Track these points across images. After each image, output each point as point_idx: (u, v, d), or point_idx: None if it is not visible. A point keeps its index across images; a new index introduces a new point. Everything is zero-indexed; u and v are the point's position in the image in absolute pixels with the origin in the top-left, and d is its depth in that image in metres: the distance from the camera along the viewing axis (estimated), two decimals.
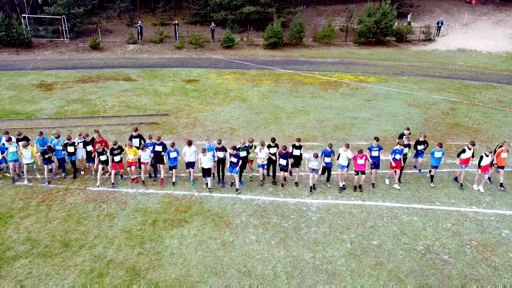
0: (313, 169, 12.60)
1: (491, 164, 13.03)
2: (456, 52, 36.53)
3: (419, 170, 14.34)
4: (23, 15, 33.23)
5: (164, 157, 13.04)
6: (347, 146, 12.87)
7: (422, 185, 13.67)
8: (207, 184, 12.99)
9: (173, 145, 12.95)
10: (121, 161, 13.09)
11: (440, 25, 40.10)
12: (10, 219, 11.41)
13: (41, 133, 13.82)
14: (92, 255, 10.05)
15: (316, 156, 12.36)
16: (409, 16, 42.57)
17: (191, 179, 13.35)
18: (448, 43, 38.78)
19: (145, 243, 10.54)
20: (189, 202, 12.41)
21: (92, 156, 13.24)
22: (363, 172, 12.76)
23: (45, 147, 12.96)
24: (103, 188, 13.10)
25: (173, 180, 13.23)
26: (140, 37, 35.07)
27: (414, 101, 22.59)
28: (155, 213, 11.81)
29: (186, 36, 36.05)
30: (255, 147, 13.48)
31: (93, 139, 13.38)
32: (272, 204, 12.41)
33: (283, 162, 12.84)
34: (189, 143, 12.91)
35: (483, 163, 12.82)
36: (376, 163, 13.12)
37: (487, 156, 12.75)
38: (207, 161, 12.51)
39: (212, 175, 13.04)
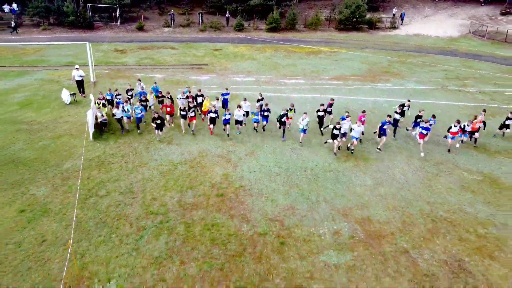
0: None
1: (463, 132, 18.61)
2: (412, 36, 49.51)
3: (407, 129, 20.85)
4: (87, 4, 46.05)
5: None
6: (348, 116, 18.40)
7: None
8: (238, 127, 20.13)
9: (228, 109, 19.27)
10: (194, 116, 19.58)
11: (403, 16, 53.15)
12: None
13: (155, 82, 25.36)
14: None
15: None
16: (394, 9, 55.37)
17: (238, 130, 20.01)
18: (408, 30, 51.78)
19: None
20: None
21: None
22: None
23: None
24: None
25: (228, 133, 19.49)
26: (172, 22, 47.95)
27: (366, 61, 35.58)
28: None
29: (207, 22, 48.94)
30: (294, 110, 19.80)
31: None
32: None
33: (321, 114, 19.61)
34: (239, 107, 19.18)
35: (452, 130, 18.33)
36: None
37: (455, 126, 18.21)
38: (240, 115, 19.36)
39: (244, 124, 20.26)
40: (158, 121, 18.43)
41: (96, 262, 11.07)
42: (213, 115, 19.28)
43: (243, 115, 19.72)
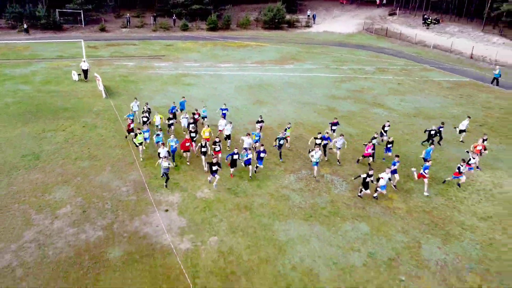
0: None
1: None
2: (321, 33, 65.80)
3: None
4: (56, 9, 57.13)
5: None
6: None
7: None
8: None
9: (250, 149, 20.00)
10: (219, 150, 20.74)
11: (315, 17, 69.51)
12: None
13: (183, 97, 34.69)
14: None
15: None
16: (308, 11, 71.36)
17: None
18: (319, 28, 68.11)
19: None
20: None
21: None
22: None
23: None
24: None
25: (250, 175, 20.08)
26: (128, 24, 60.31)
27: (281, 51, 50.75)
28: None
29: (157, 23, 61.81)
30: (287, 129, 23.08)
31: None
32: None
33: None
34: (248, 135, 21.74)
35: (471, 162, 19.88)
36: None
37: (473, 158, 19.90)
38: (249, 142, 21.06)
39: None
40: (215, 167, 18.20)
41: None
42: (235, 156, 19.21)
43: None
